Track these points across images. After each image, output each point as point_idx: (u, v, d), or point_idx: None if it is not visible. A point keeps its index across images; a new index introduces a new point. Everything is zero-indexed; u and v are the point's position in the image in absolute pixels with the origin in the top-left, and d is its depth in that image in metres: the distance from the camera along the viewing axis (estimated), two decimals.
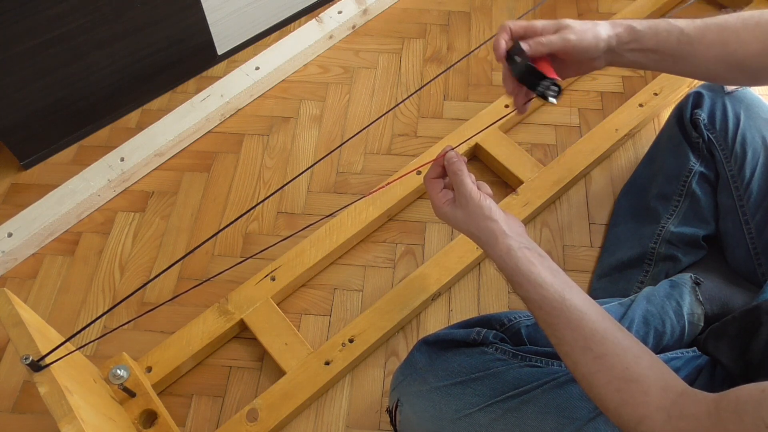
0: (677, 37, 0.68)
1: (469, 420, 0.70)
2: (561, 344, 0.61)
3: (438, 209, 0.72)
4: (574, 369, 0.61)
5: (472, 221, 0.68)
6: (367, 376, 0.97)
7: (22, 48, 1.03)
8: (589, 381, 0.59)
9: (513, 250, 0.65)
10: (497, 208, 0.68)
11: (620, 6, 1.40)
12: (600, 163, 1.17)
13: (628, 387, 0.56)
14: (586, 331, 0.59)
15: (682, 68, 0.71)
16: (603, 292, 1.01)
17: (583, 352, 0.59)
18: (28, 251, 1.09)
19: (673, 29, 0.68)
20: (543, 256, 0.65)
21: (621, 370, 0.57)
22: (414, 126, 1.25)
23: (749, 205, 0.89)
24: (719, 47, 0.67)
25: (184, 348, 0.95)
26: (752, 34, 0.66)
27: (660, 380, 0.56)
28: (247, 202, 1.15)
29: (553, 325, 0.62)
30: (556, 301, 0.61)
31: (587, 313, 0.60)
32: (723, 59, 0.67)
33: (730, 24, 0.67)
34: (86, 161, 1.18)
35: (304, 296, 1.05)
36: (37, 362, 0.65)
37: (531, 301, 0.63)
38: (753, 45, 0.66)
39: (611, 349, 0.58)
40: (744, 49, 0.66)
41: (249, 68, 1.27)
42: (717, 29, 0.67)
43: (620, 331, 0.60)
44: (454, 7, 1.43)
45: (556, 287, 0.62)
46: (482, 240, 0.68)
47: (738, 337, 0.69)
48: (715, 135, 0.93)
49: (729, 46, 0.67)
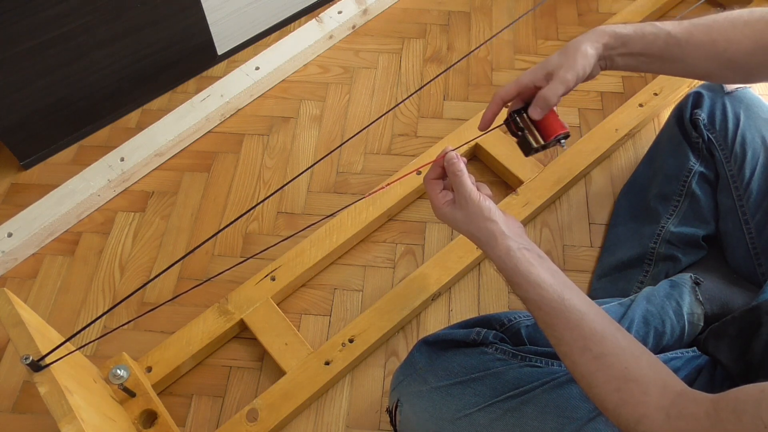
0: (664, 39, 0.68)
1: (469, 420, 0.70)
2: (560, 344, 0.61)
3: (437, 210, 0.72)
4: (573, 369, 0.61)
5: (472, 222, 0.68)
6: (367, 376, 0.97)
7: (22, 48, 1.03)
8: (588, 381, 0.59)
9: (512, 251, 0.65)
10: (497, 209, 0.68)
11: (620, 6, 1.40)
12: (600, 163, 1.17)
13: (627, 387, 0.56)
14: (585, 331, 0.59)
15: (674, 69, 0.71)
16: (603, 292, 1.01)
17: (582, 352, 0.59)
18: (28, 251, 1.09)
19: (659, 32, 0.68)
20: (542, 257, 0.65)
21: (620, 369, 0.57)
22: (414, 126, 1.25)
23: (749, 205, 0.89)
24: (708, 47, 0.67)
25: (184, 348, 0.95)
26: (741, 33, 0.67)
27: (659, 380, 0.56)
28: (247, 202, 1.15)
29: (552, 325, 0.62)
30: (555, 302, 0.61)
31: (586, 313, 0.60)
32: (713, 58, 0.68)
33: (718, 24, 0.67)
34: (86, 161, 1.18)
35: (304, 296, 1.05)
36: (37, 362, 0.65)
37: (530, 302, 0.63)
38: (743, 43, 0.67)
39: (610, 349, 0.58)
40: (733, 48, 0.67)
41: (249, 68, 1.27)
42: (704, 29, 0.67)
43: (619, 331, 0.60)
44: (454, 7, 1.43)
45: (555, 288, 0.62)
46: (482, 241, 0.68)
47: (738, 337, 0.69)
48: (715, 135, 0.93)
49: (717, 45, 0.67)
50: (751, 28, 0.66)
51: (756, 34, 0.66)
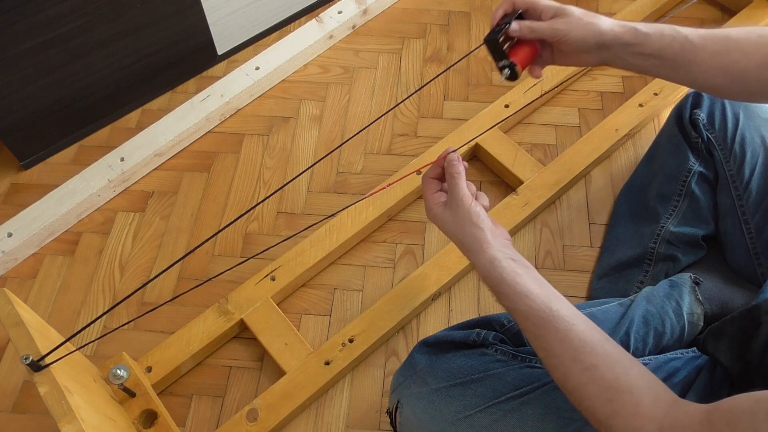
0: (681, 43, 0.67)
1: (469, 421, 0.70)
2: (549, 356, 0.61)
3: (429, 210, 0.72)
4: (564, 382, 0.60)
5: (458, 226, 0.68)
6: (367, 376, 0.97)
7: (22, 48, 1.03)
8: (580, 393, 0.58)
9: (497, 261, 0.64)
10: (486, 218, 0.68)
11: (620, 6, 1.40)
12: (600, 163, 1.17)
13: (619, 398, 0.56)
14: (575, 342, 0.59)
15: (682, 76, 0.70)
16: (603, 292, 1.01)
17: (573, 364, 0.58)
18: (28, 251, 1.09)
19: (678, 35, 0.68)
20: (528, 267, 0.65)
21: (611, 380, 0.56)
22: (414, 126, 1.25)
23: (748, 204, 0.89)
24: (722, 56, 0.67)
25: (184, 348, 0.95)
26: (755, 45, 0.66)
27: (651, 390, 0.56)
28: (247, 202, 1.15)
29: (540, 336, 0.61)
30: (543, 312, 0.60)
31: (575, 324, 0.60)
32: (724, 68, 0.67)
33: (733, 35, 0.67)
34: (86, 161, 1.18)
35: (304, 296, 1.05)
36: (37, 362, 0.65)
37: (517, 312, 0.63)
38: (755, 56, 0.66)
39: (601, 360, 0.57)
40: (747, 59, 0.66)
41: (249, 68, 1.27)
42: (722, 38, 0.67)
43: (608, 341, 0.60)
44: (454, 7, 1.43)
45: (542, 298, 0.61)
46: (466, 246, 0.68)
47: (737, 336, 0.69)
48: (714, 135, 0.93)
49: (732, 55, 0.67)
50: (764, 40, 0.66)
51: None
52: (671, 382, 0.70)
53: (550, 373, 0.62)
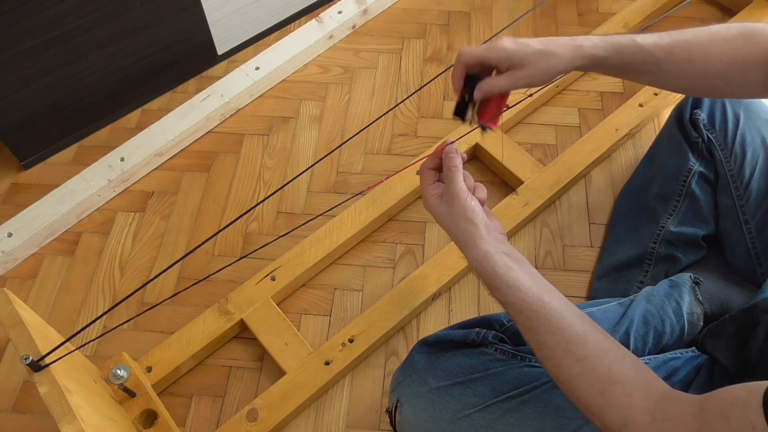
0: (643, 59, 0.67)
1: (468, 420, 0.70)
2: (541, 348, 0.61)
3: (426, 201, 0.72)
4: (556, 374, 0.60)
5: (452, 220, 0.68)
6: (367, 376, 0.97)
7: (22, 48, 1.03)
8: (572, 385, 0.58)
9: (490, 255, 0.64)
10: (481, 212, 0.67)
11: (620, 6, 1.40)
12: (600, 163, 1.17)
13: (611, 389, 0.56)
14: (567, 334, 0.59)
15: (648, 83, 0.72)
16: (603, 292, 1.01)
17: (565, 355, 0.58)
18: (28, 251, 1.09)
19: (639, 51, 0.67)
20: (521, 261, 0.65)
21: (604, 372, 0.57)
22: (414, 126, 1.25)
23: (749, 204, 0.89)
24: (685, 64, 0.67)
25: (184, 348, 0.95)
26: (719, 50, 0.66)
27: (643, 382, 0.56)
28: (247, 202, 1.15)
29: (533, 329, 0.61)
30: (535, 304, 0.60)
31: (567, 316, 0.60)
32: (691, 76, 0.68)
33: (698, 40, 0.67)
34: (86, 161, 1.18)
35: (304, 296, 1.05)
36: (37, 362, 0.65)
37: (510, 306, 0.63)
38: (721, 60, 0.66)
39: (593, 352, 0.58)
40: (709, 64, 0.67)
41: (249, 68, 1.27)
42: (685, 46, 0.67)
43: (600, 333, 0.60)
44: (454, 7, 1.43)
45: (534, 290, 0.61)
46: (459, 240, 0.68)
47: (736, 335, 0.69)
48: (715, 135, 0.93)
49: (695, 63, 0.67)
50: (728, 45, 0.66)
51: (733, 51, 0.66)
52: (671, 382, 0.70)
53: (542, 364, 0.62)
